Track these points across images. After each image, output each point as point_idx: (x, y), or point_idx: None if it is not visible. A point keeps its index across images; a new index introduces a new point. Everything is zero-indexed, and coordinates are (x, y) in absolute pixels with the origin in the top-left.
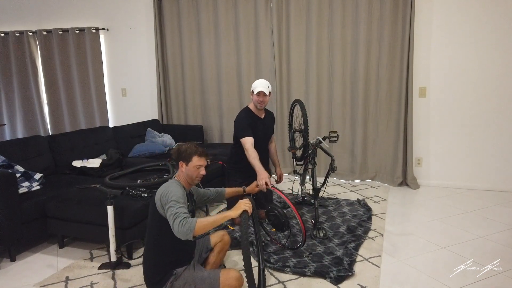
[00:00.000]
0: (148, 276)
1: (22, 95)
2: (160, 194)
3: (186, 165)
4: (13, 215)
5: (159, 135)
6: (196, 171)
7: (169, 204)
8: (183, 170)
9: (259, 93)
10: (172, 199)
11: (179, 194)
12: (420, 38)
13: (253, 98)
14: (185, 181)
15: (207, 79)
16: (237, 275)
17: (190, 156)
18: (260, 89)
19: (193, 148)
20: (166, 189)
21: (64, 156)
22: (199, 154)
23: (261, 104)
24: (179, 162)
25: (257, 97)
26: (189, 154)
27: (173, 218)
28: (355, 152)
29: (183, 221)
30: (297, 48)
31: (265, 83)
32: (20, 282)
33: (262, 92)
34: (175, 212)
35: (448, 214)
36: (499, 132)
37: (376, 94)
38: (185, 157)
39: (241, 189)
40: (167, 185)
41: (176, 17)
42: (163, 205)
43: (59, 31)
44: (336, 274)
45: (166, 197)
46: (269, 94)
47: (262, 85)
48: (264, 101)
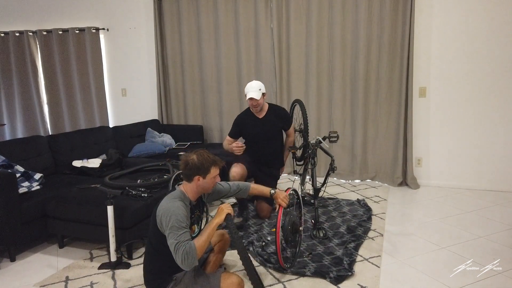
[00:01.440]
0: (148, 279)
1: (22, 95)
2: (160, 212)
3: (204, 178)
4: (13, 215)
5: (159, 135)
6: (213, 181)
7: (170, 230)
8: (199, 184)
9: (251, 99)
10: (173, 224)
11: (180, 216)
12: (420, 38)
13: (248, 102)
14: (195, 192)
15: (207, 79)
16: (238, 280)
17: (209, 169)
18: (250, 95)
19: (208, 159)
20: (167, 210)
21: (64, 156)
22: (216, 164)
23: (255, 108)
24: (195, 177)
25: (250, 101)
26: (207, 168)
27: (175, 249)
28: (355, 152)
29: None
30: (297, 48)
31: (255, 87)
32: (20, 282)
33: (253, 99)
34: (176, 242)
35: (448, 214)
36: (499, 132)
37: (376, 94)
38: (203, 171)
39: (268, 191)
40: (168, 203)
41: (176, 17)
42: (163, 226)
43: (59, 31)
44: (336, 274)
45: (166, 220)
46: (262, 96)
47: (252, 90)
48: (258, 104)
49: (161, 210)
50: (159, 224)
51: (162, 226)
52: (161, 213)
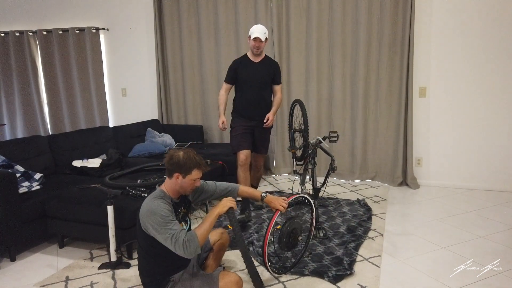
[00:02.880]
0: (145, 282)
1: (22, 95)
2: (142, 216)
3: (183, 177)
4: (13, 215)
5: (159, 135)
6: (192, 184)
7: (158, 228)
8: (177, 182)
9: (256, 39)
10: (158, 221)
11: (164, 212)
12: (420, 38)
13: (249, 43)
14: (175, 190)
15: (207, 79)
16: (236, 278)
17: (191, 170)
18: (256, 35)
19: (194, 160)
20: (148, 211)
21: (64, 156)
22: (200, 167)
23: (257, 49)
24: (175, 174)
25: (254, 42)
26: (189, 167)
27: (173, 242)
28: (355, 152)
29: (185, 241)
30: (297, 48)
31: (262, 29)
32: (20, 282)
33: (258, 38)
34: (172, 234)
35: (448, 214)
36: (500, 132)
37: (376, 94)
38: (185, 170)
39: (259, 194)
40: (148, 204)
41: (176, 17)
42: (148, 228)
43: (59, 31)
44: (335, 273)
45: (150, 220)
46: (265, 40)
47: (258, 31)
48: (260, 46)
49: (143, 213)
50: (144, 227)
51: (148, 228)
52: (143, 215)
